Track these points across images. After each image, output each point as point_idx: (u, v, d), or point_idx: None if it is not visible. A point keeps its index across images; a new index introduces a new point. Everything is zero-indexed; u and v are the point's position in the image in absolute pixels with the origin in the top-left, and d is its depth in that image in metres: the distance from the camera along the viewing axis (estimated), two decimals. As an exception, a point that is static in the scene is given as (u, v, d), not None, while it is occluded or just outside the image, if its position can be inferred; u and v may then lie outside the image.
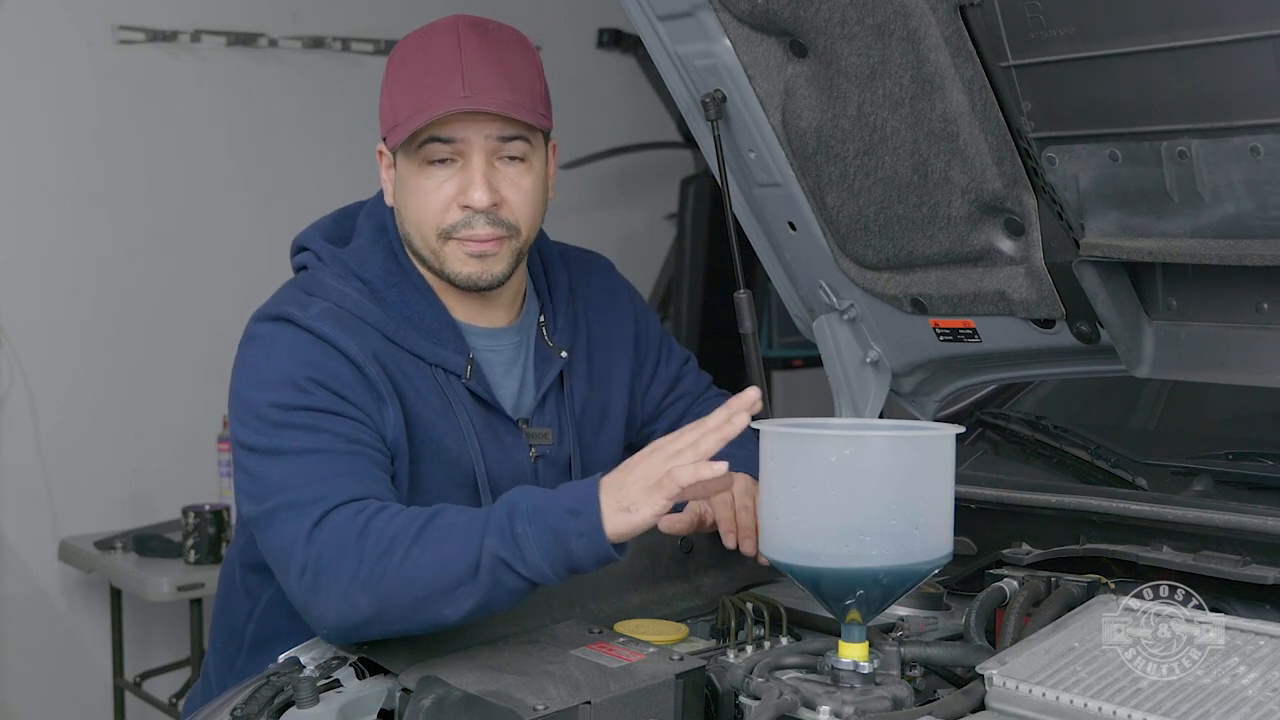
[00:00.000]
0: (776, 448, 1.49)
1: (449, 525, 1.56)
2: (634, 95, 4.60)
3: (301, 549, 1.60)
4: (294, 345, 1.72)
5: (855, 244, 1.99)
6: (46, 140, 3.96)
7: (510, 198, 1.77)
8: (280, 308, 1.77)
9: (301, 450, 1.66)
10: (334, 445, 1.67)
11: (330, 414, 1.68)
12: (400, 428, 1.74)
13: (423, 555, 1.54)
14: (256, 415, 1.69)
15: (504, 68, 1.75)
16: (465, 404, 1.82)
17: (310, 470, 1.64)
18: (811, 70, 1.85)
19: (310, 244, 1.86)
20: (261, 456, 1.68)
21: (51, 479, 3.99)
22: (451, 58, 1.74)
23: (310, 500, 1.61)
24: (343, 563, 1.56)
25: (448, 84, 1.72)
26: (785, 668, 1.51)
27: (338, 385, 1.70)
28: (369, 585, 1.55)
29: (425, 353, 1.80)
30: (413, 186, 1.77)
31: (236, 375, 1.76)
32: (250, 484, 1.69)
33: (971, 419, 2.31)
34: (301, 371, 1.70)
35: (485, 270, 1.79)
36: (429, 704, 1.43)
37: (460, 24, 1.77)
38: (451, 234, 1.77)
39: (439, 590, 1.54)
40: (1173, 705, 1.31)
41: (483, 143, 1.75)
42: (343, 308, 1.77)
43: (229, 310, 4.08)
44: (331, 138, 4.36)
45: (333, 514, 1.60)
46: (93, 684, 4.04)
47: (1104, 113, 1.65)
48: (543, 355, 1.91)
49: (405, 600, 1.55)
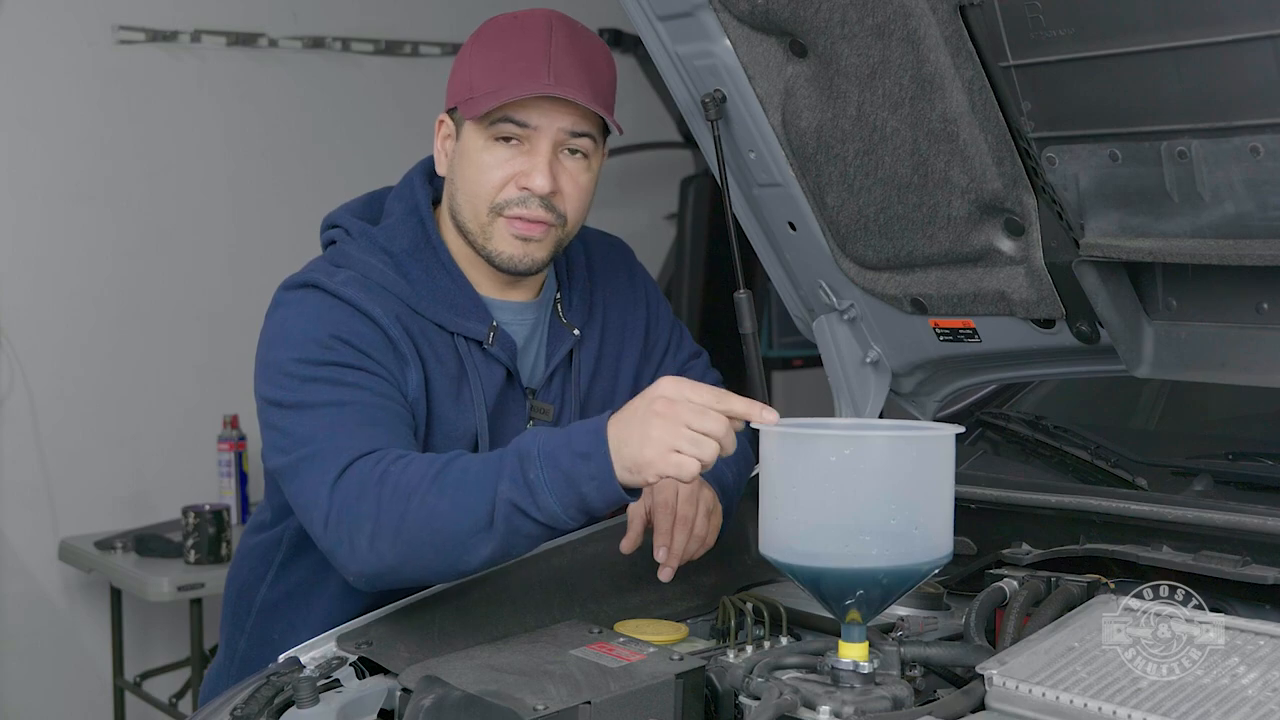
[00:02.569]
0: (776, 448, 1.49)
1: (463, 471, 1.58)
2: (634, 95, 4.60)
3: (325, 499, 1.63)
4: (320, 308, 1.77)
5: (855, 244, 1.99)
6: (47, 140, 3.96)
7: (566, 189, 1.81)
8: (307, 275, 1.82)
9: (327, 403, 1.70)
10: (359, 398, 1.71)
11: (355, 369, 1.73)
12: (421, 388, 1.78)
13: (439, 503, 1.56)
14: (283, 372, 1.73)
15: (588, 65, 1.80)
16: (482, 373, 1.85)
17: (335, 423, 1.68)
18: (811, 70, 1.85)
19: (340, 221, 1.91)
20: (288, 411, 1.72)
21: (51, 479, 3.99)
22: (540, 46, 1.78)
23: (334, 451, 1.65)
24: (364, 509, 1.60)
25: (534, 69, 1.77)
26: (785, 668, 1.51)
27: (362, 344, 1.74)
28: (390, 533, 1.58)
29: (447, 322, 1.83)
30: (475, 159, 1.81)
31: (263, 339, 1.80)
32: (277, 438, 1.73)
33: (971, 419, 2.31)
34: (327, 330, 1.74)
35: (527, 254, 1.82)
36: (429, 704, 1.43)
37: (553, 18, 1.82)
38: (503, 210, 1.80)
39: (457, 538, 1.56)
40: (1173, 705, 1.31)
41: (554, 132, 1.79)
42: (369, 277, 1.81)
43: (229, 310, 4.12)
44: (331, 138, 4.36)
45: (355, 464, 1.63)
46: (93, 684, 4.04)
47: (1104, 113, 1.65)
48: (556, 331, 1.94)
49: (426, 547, 1.58)
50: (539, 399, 1.91)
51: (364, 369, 1.73)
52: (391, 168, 2.13)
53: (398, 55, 4.48)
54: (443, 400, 1.82)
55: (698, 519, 1.79)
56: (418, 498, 1.57)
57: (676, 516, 1.77)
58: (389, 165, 2.37)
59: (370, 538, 1.59)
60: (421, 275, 1.84)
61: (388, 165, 2.43)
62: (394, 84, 4.44)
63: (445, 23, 4.43)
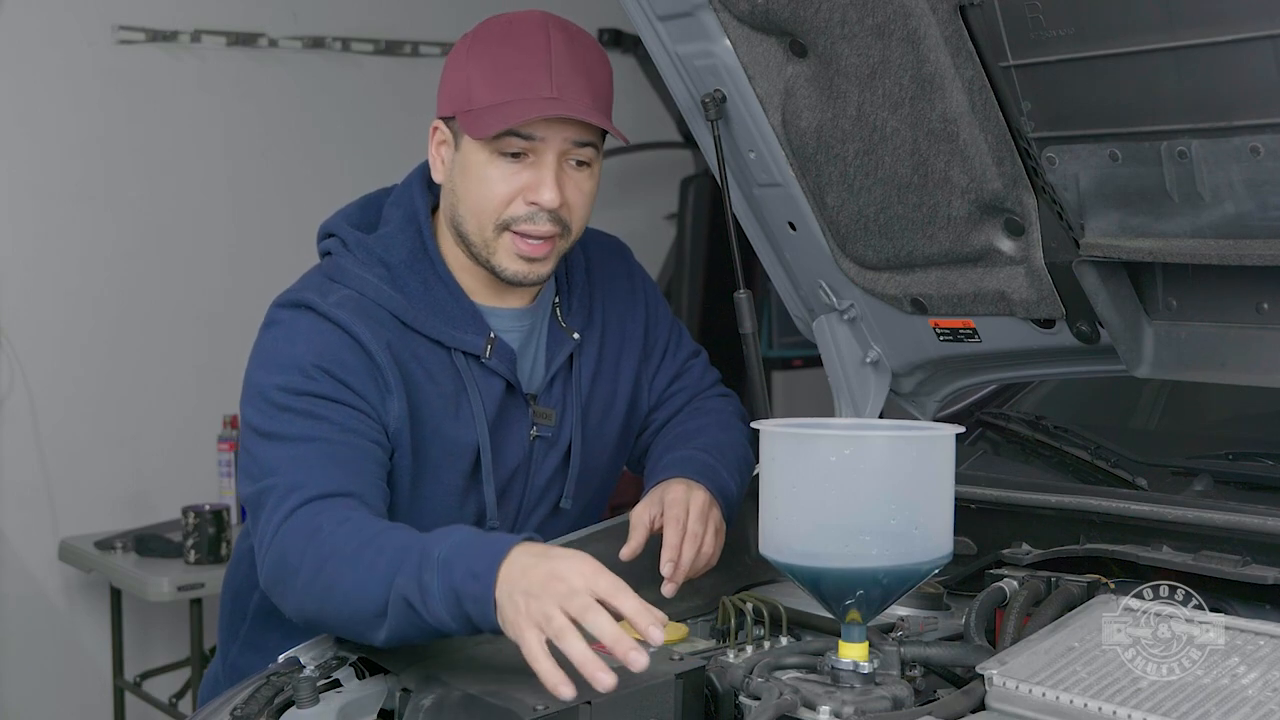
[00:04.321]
0: (776, 448, 1.49)
1: (377, 553, 1.55)
2: (634, 95, 4.60)
3: (270, 537, 1.64)
4: (310, 332, 1.76)
5: (855, 244, 1.99)
6: (47, 140, 3.96)
7: (572, 200, 1.80)
8: (301, 294, 1.80)
9: (297, 437, 1.69)
10: (329, 434, 1.70)
11: (333, 402, 1.72)
12: (403, 419, 1.76)
13: (345, 578, 1.56)
14: (263, 397, 1.73)
15: (587, 73, 1.78)
16: (480, 387, 1.83)
17: (300, 458, 1.67)
18: (811, 70, 1.85)
19: (336, 230, 1.88)
20: (261, 439, 1.72)
21: (51, 479, 3.99)
22: (540, 55, 1.75)
23: (290, 488, 1.65)
24: (293, 561, 1.61)
25: (535, 81, 1.74)
26: (785, 668, 1.51)
27: (344, 373, 1.73)
28: (310, 594, 1.59)
29: (444, 337, 1.82)
30: (479, 174, 1.78)
31: (252, 359, 1.80)
32: (248, 463, 1.74)
33: (971, 419, 2.30)
34: (311, 358, 1.73)
35: (533, 271, 1.81)
36: (429, 704, 1.43)
37: (549, 22, 1.79)
38: (510, 225, 1.78)
39: (356, 616, 1.56)
40: (1173, 705, 1.31)
41: (559, 143, 1.76)
42: (364, 295, 1.80)
43: (229, 310, 4.12)
44: (331, 138, 4.37)
45: (304, 509, 1.63)
46: (93, 684, 4.04)
47: (1104, 113, 1.65)
48: (555, 336, 1.93)
49: (333, 616, 1.59)
50: (540, 404, 1.90)
51: (342, 401, 1.72)
52: (391, 168, 2.13)
53: (398, 55, 4.48)
54: (441, 418, 1.80)
55: (706, 537, 1.79)
56: (331, 566, 1.57)
57: (687, 533, 1.77)
58: (389, 165, 2.37)
59: (297, 589, 1.61)
60: (418, 288, 1.82)
61: (388, 165, 2.42)
62: (394, 84, 4.45)
63: (445, 23, 4.42)
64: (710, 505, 1.82)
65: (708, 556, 1.80)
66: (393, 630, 1.54)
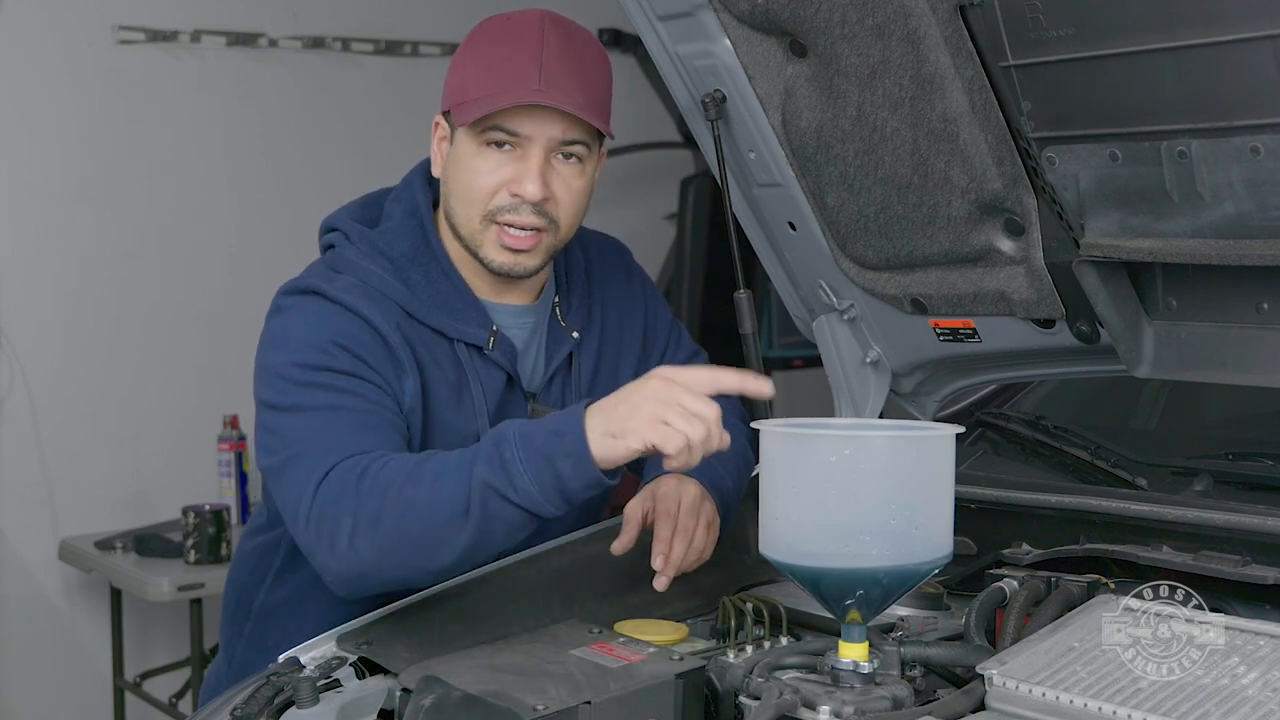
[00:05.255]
0: (776, 448, 1.49)
1: (441, 461, 1.59)
2: (634, 95, 4.60)
3: (308, 497, 1.63)
4: (320, 314, 1.77)
5: (855, 244, 1.99)
6: (46, 140, 3.96)
7: (559, 195, 1.81)
8: (307, 281, 1.82)
9: (320, 408, 1.70)
10: (352, 404, 1.71)
11: (352, 376, 1.73)
12: (417, 397, 1.78)
13: (416, 493, 1.57)
14: (280, 375, 1.74)
15: (581, 70, 1.79)
16: (483, 379, 1.85)
17: (326, 426, 1.68)
18: (811, 70, 1.85)
19: (339, 224, 1.90)
20: (282, 414, 1.72)
21: (51, 479, 3.99)
22: (532, 50, 1.77)
23: (322, 452, 1.65)
24: (344, 506, 1.60)
25: (524, 74, 1.76)
26: (785, 668, 1.51)
27: (361, 350, 1.74)
28: (368, 528, 1.58)
29: (447, 328, 1.83)
30: (467, 164, 1.81)
31: (263, 343, 1.81)
32: (268, 439, 1.74)
33: (971, 419, 2.30)
34: (327, 336, 1.74)
35: (518, 263, 1.82)
36: (429, 704, 1.43)
37: (546, 20, 1.81)
38: (495, 217, 1.80)
39: (434, 527, 1.56)
40: (1173, 705, 1.31)
41: (545, 140, 1.78)
42: (368, 284, 1.81)
43: (229, 310, 4.12)
44: (331, 138, 4.36)
45: (340, 465, 1.63)
46: (93, 684, 4.04)
47: (1104, 113, 1.65)
48: (555, 335, 1.94)
49: (403, 541, 1.58)
50: (540, 402, 1.91)
51: (360, 376, 1.73)
52: (392, 168, 2.13)
53: (398, 55, 4.48)
54: (443, 407, 1.82)
55: (698, 530, 1.79)
56: (395, 489, 1.58)
57: (677, 526, 1.77)
58: (389, 165, 2.37)
59: (349, 534, 1.59)
60: (422, 280, 1.84)
61: (388, 165, 2.42)
62: (394, 84, 4.45)
63: (445, 23, 4.42)
64: (702, 499, 1.82)
65: (699, 550, 1.80)
66: (477, 530, 1.54)
